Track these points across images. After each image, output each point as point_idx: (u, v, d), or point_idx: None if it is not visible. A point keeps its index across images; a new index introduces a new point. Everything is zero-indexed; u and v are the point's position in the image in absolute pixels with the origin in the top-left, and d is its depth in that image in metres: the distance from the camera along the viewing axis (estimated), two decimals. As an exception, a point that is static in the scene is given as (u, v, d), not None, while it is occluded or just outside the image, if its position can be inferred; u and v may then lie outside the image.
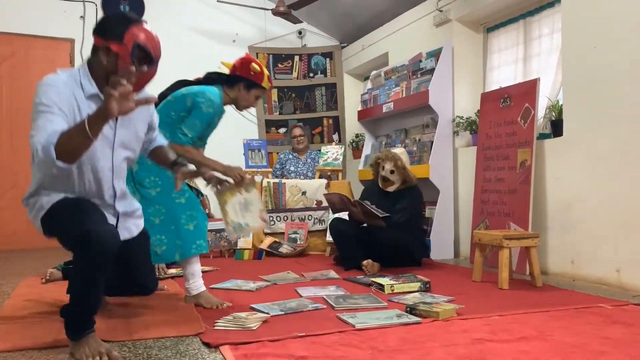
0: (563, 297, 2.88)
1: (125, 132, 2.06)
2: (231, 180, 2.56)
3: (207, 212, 4.95)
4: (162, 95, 2.86)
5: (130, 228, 2.19)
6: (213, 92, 2.76)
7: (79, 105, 1.89)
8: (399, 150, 4.17)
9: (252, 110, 3.66)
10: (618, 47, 3.19)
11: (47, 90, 1.83)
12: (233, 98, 2.87)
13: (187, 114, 2.73)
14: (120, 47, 1.89)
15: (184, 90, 2.79)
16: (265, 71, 2.89)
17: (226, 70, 2.94)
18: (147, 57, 1.95)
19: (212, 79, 2.89)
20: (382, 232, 3.82)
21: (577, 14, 3.47)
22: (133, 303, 2.74)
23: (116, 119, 1.99)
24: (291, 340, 2.04)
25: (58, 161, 1.67)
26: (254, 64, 2.83)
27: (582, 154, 3.43)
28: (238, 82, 2.85)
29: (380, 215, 3.77)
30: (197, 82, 2.89)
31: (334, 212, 4.27)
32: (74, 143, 1.69)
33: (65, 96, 1.85)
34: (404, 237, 3.87)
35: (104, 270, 1.85)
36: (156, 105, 2.65)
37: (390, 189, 4.10)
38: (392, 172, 4.07)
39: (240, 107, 2.92)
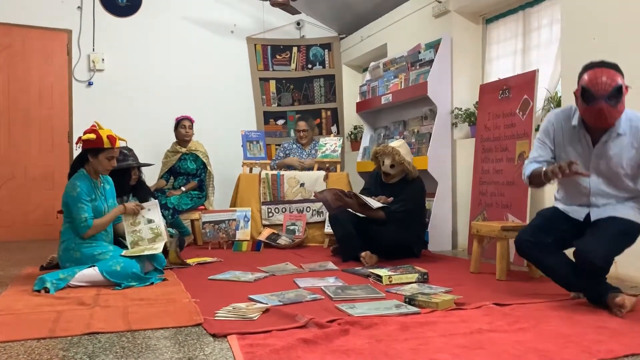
0: (560, 287, 2.88)
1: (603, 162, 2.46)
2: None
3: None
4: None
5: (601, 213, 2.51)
6: (71, 181, 3.20)
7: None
8: (397, 143, 4.04)
9: None
10: (617, 38, 3.18)
11: None
12: (94, 168, 3.23)
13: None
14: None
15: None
16: (103, 132, 3.17)
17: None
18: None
19: (75, 166, 3.29)
20: (381, 229, 3.81)
21: (576, 5, 3.46)
22: (131, 294, 2.75)
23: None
24: (294, 330, 2.04)
25: None
26: (88, 134, 3.16)
27: (580, 146, 3.42)
28: (87, 155, 3.22)
29: (375, 207, 3.76)
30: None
31: (330, 212, 4.08)
32: None
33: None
34: (403, 235, 3.85)
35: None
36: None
37: (392, 181, 4.06)
38: (392, 166, 3.99)
39: (102, 172, 3.28)
